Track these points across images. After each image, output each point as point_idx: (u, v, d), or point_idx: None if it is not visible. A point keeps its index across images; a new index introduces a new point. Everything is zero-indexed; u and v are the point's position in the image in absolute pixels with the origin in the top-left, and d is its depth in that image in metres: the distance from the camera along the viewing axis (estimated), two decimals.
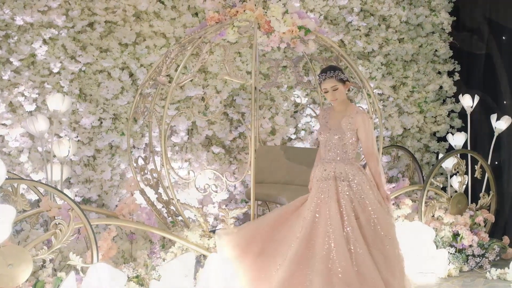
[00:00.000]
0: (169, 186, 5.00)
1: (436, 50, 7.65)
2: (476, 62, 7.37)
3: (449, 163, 6.34)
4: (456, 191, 6.30)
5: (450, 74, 7.72)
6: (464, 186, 6.26)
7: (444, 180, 6.29)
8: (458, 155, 6.28)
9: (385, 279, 4.19)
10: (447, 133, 7.40)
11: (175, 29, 6.48)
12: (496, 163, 6.86)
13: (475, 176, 6.38)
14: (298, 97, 6.99)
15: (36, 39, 5.93)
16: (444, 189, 6.69)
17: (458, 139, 6.58)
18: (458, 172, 6.25)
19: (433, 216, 5.98)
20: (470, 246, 5.74)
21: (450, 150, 7.23)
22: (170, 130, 6.50)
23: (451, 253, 5.68)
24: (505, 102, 6.88)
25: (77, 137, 6.17)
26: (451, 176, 6.55)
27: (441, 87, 7.73)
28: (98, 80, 6.20)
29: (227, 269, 4.64)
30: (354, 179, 4.47)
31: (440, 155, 7.23)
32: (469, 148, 6.65)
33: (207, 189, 5.16)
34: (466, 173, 6.38)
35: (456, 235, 5.77)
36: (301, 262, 4.29)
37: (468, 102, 6.65)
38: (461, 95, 6.77)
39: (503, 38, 6.97)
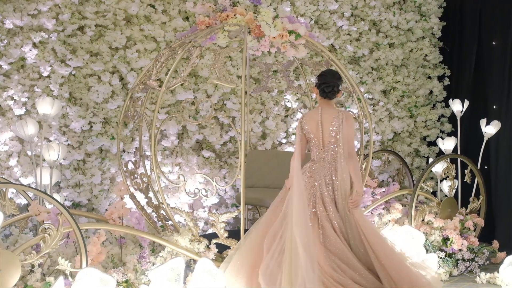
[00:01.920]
0: (159, 191, 4.99)
1: (426, 55, 7.68)
2: (466, 67, 7.41)
3: (439, 168, 6.37)
4: (446, 196, 6.31)
5: (440, 79, 7.76)
6: (454, 191, 6.28)
7: (434, 185, 6.30)
8: (448, 159, 6.31)
9: None
10: (437, 137, 7.44)
11: (165, 33, 6.47)
12: (486, 167, 6.89)
13: (465, 180, 6.40)
14: (288, 101, 7.00)
15: (26, 42, 5.90)
16: (434, 193, 6.72)
17: (448, 144, 6.60)
18: (448, 176, 6.27)
19: (423, 220, 5.99)
20: (460, 250, 5.75)
21: (440, 154, 7.26)
22: (161, 134, 6.49)
23: (441, 258, 5.69)
24: (494, 107, 6.91)
25: (67, 141, 6.14)
26: (441, 181, 6.57)
27: (431, 92, 7.76)
28: (88, 84, 6.18)
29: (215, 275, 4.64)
30: None
31: (430, 160, 7.26)
32: (459, 152, 6.67)
33: (197, 193, 5.15)
34: (456, 177, 6.41)
35: (446, 240, 5.78)
36: None
37: (458, 106, 6.68)
38: (451, 99, 6.79)
39: (493, 43, 7.00)
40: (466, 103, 6.68)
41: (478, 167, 6.49)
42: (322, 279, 4.30)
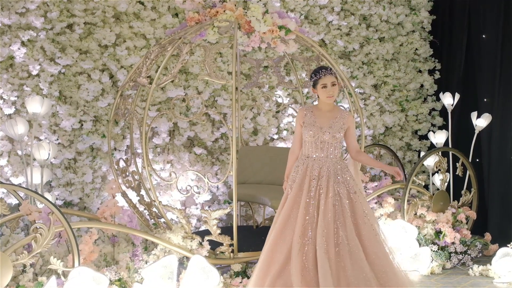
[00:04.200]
0: (151, 188, 4.97)
1: (416, 49, 7.69)
2: (456, 60, 7.42)
3: (431, 161, 6.38)
4: (438, 189, 6.33)
5: (431, 72, 7.77)
6: (446, 184, 6.29)
7: (426, 178, 6.31)
8: (440, 153, 6.32)
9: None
10: (429, 131, 7.45)
11: (155, 30, 6.44)
12: (477, 160, 6.91)
13: (457, 173, 6.42)
14: (279, 97, 6.99)
15: (15, 41, 5.86)
16: (426, 187, 6.73)
17: (439, 137, 6.62)
18: (439, 170, 6.29)
19: (416, 214, 6.00)
20: (453, 243, 5.77)
21: (431, 148, 7.27)
22: (152, 131, 6.47)
23: (433, 251, 5.70)
24: (485, 99, 6.93)
25: (58, 139, 6.11)
26: (433, 174, 6.58)
27: (422, 86, 7.77)
28: (78, 82, 6.15)
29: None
30: (344, 175, 4.58)
31: (422, 153, 7.27)
32: (450, 146, 6.69)
33: (190, 190, 5.14)
34: (448, 170, 6.43)
35: (438, 233, 5.80)
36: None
37: (448, 100, 6.69)
38: (442, 93, 6.81)
39: (483, 36, 7.01)
40: (457, 96, 6.70)
41: (470, 160, 6.51)
42: None
